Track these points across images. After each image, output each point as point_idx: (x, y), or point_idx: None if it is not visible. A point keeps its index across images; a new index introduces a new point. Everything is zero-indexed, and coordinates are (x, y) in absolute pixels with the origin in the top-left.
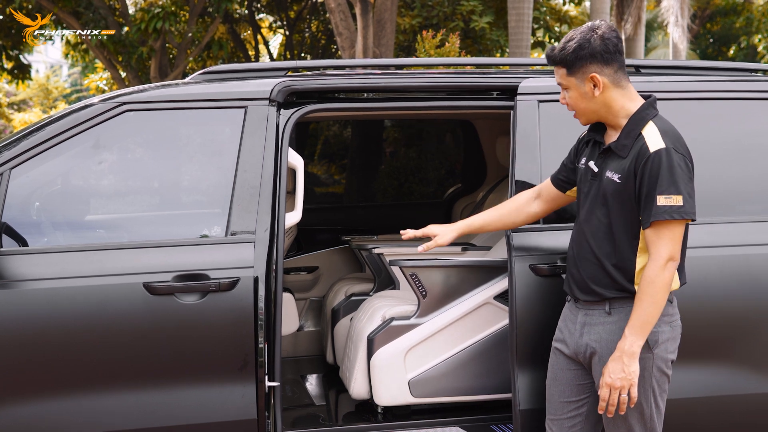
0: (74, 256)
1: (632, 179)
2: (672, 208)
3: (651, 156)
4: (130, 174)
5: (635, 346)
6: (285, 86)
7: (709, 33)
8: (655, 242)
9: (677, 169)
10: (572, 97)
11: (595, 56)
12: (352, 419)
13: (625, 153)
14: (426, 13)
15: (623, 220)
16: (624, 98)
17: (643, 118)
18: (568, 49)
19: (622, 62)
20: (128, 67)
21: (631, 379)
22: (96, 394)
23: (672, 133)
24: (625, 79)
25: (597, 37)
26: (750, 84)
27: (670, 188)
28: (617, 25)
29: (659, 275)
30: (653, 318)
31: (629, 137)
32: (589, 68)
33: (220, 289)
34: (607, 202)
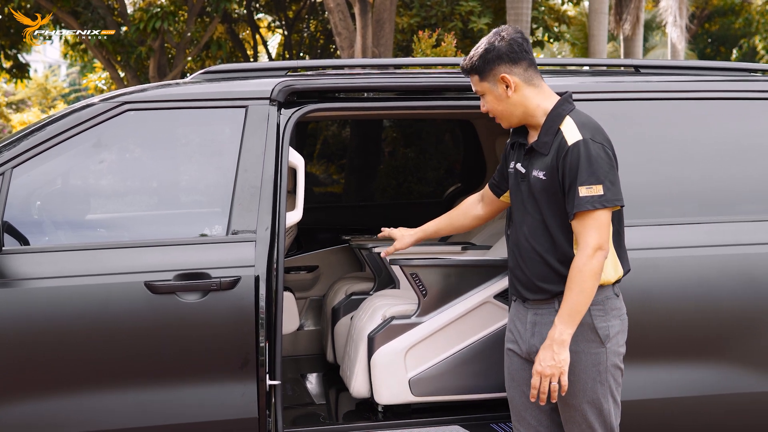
0: (76, 255)
1: (556, 174)
2: (593, 197)
3: (569, 148)
4: (131, 173)
5: (565, 334)
6: (286, 86)
7: (707, 33)
8: (581, 232)
9: (596, 159)
10: (489, 102)
11: (501, 57)
12: (353, 418)
13: (547, 150)
14: (424, 13)
15: (555, 216)
16: (539, 96)
17: (560, 114)
18: (476, 55)
19: (531, 60)
20: (127, 67)
21: (561, 367)
22: (97, 393)
23: (590, 125)
24: (538, 77)
25: (501, 39)
26: (749, 84)
27: (590, 178)
28: (616, 25)
29: (587, 264)
30: (582, 307)
31: (549, 134)
32: (499, 69)
33: (221, 288)
34: (538, 200)
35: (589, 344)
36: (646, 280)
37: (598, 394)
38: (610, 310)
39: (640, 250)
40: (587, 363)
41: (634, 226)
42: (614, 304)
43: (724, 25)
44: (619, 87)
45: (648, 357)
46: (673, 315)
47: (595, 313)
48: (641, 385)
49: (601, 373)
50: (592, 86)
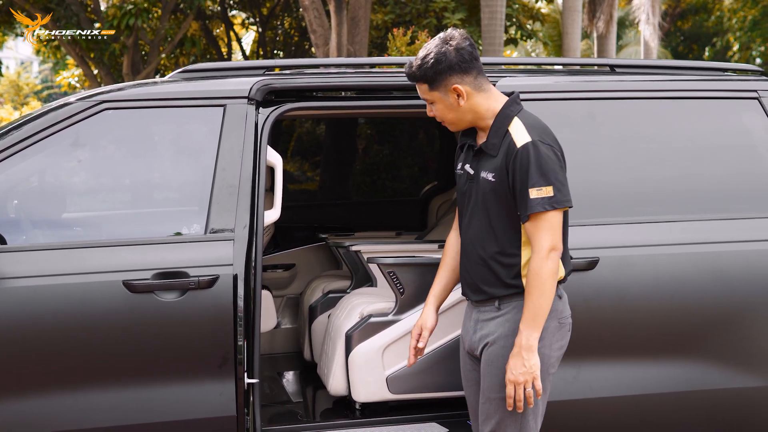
0: (54, 254)
1: (505, 176)
2: (544, 199)
3: (518, 151)
4: (109, 172)
5: (531, 339)
6: (263, 85)
7: (680, 31)
8: (534, 234)
9: (545, 161)
10: (439, 110)
11: (453, 68)
12: (330, 416)
13: (496, 151)
14: (399, 10)
15: (502, 217)
16: (488, 100)
17: (507, 115)
18: (427, 65)
19: (480, 67)
20: (100, 64)
21: (533, 372)
22: (76, 392)
23: (537, 126)
24: (486, 82)
25: (452, 49)
26: (723, 83)
27: (540, 180)
28: (589, 22)
29: (543, 266)
30: (544, 309)
31: (497, 135)
32: (450, 80)
33: (199, 287)
34: (486, 202)
35: None
36: (622, 279)
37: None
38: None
39: (615, 248)
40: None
41: (608, 224)
42: (554, 306)
43: (696, 22)
44: (595, 86)
45: (623, 354)
46: (647, 312)
47: None
48: (617, 383)
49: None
50: (568, 86)
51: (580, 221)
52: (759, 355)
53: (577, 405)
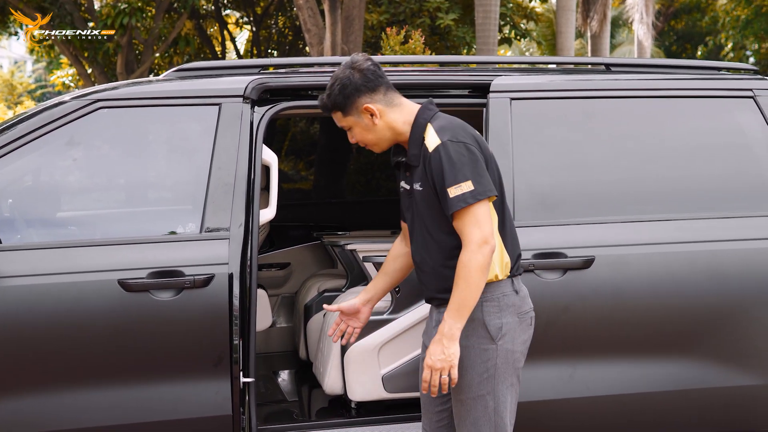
0: (48, 253)
1: (428, 182)
2: (465, 195)
3: (431, 155)
4: (104, 171)
5: (454, 329)
6: (259, 83)
7: (673, 30)
8: (462, 230)
9: (457, 158)
10: (358, 134)
11: (360, 89)
12: (326, 415)
13: (418, 161)
14: (393, 9)
15: (438, 222)
16: (403, 114)
17: (421, 123)
18: (334, 92)
19: (387, 83)
20: (94, 63)
21: (451, 361)
22: (71, 391)
23: (448, 126)
24: (397, 96)
25: (355, 71)
26: (718, 82)
27: (456, 178)
28: (583, 22)
29: (471, 259)
30: (470, 301)
31: (416, 145)
32: (360, 101)
33: (194, 286)
34: (422, 212)
35: (479, 340)
36: (617, 277)
37: (484, 392)
38: (506, 307)
39: (611, 247)
40: (475, 359)
41: (603, 223)
42: (511, 301)
43: (689, 22)
44: (590, 85)
45: (619, 353)
46: (643, 311)
47: (487, 309)
48: (612, 381)
49: (489, 369)
50: (563, 84)
51: (575, 220)
52: (754, 354)
53: (572, 404)
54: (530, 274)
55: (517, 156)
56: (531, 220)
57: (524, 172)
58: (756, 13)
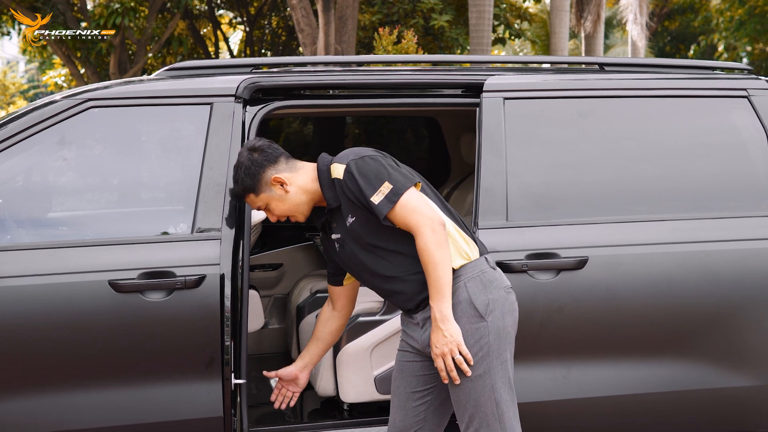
0: (39, 254)
1: (358, 207)
2: (387, 196)
3: (342, 181)
4: (95, 171)
5: (443, 309)
6: (251, 83)
7: (667, 31)
8: (406, 225)
9: (364, 170)
10: (276, 208)
11: (263, 165)
12: (318, 416)
13: (337, 200)
14: (386, 10)
15: (386, 240)
16: (307, 173)
17: (324, 170)
18: (241, 177)
19: (283, 152)
20: (87, 63)
21: (456, 340)
22: (61, 393)
23: (345, 154)
24: (297, 161)
25: (253, 152)
26: (712, 81)
27: (373, 185)
28: (577, 22)
29: (427, 240)
30: (445, 277)
31: (329, 188)
32: (266, 176)
33: (186, 287)
34: (365, 241)
35: (469, 320)
36: (611, 278)
37: (482, 370)
38: (489, 282)
39: (604, 248)
40: (469, 339)
41: (597, 223)
42: (492, 276)
43: (683, 22)
44: (584, 85)
45: (613, 354)
46: (637, 312)
47: (471, 288)
48: (607, 382)
49: (483, 347)
50: (557, 84)
51: (568, 220)
52: (748, 355)
53: (567, 405)
54: (523, 274)
55: (510, 156)
56: (524, 220)
57: (517, 172)
58: (749, 14)
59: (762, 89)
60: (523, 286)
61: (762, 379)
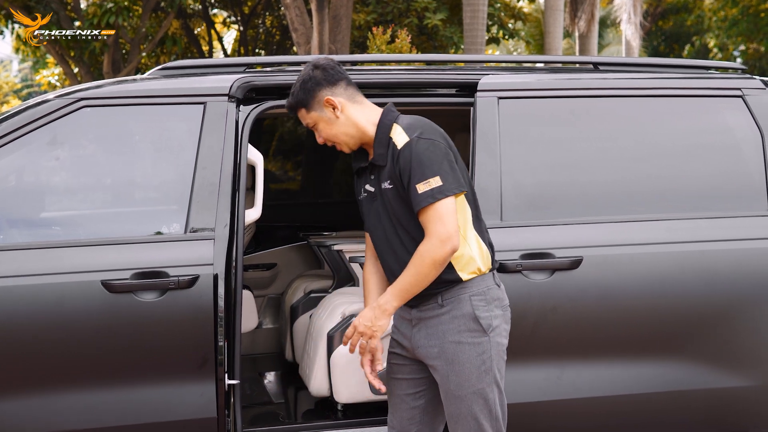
0: (31, 254)
1: (398, 180)
2: (433, 190)
3: (399, 151)
4: (88, 171)
5: (389, 305)
6: (244, 82)
7: (660, 30)
8: (426, 225)
9: (425, 155)
10: (323, 130)
11: (320, 83)
12: (312, 417)
13: (384, 161)
14: (381, 9)
15: (412, 220)
16: (365, 112)
17: (387, 124)
18: (296, 90)
19: (349, 79)
20: (80, 63)
21: (375, 332)
22: (54, 393)
23: (416, 125)
24: (359, 94)
25: (314, 68)
26: (706, 81)
27: (424, 174)
28: (571, 21)
29: (429, 250)
30: (413, 288)
31: (382, 145)
32: (321, 95)
33: (179, 287)
34: (394, 211)
35: (472, 334)
36: (606, 278)
37: (483, 384)
38: (492, 300)
39: (599, 248)
40: (471, 353)
41: (591, 223)
42: (496, 294)
43: (677, 22)
44: (578, 84)
45: (608, 354)
46: (632, 312)
47: (476, 303)
48: (601, 383)
49: (485, 362)
50: (551, 83)
51: (563, 220)
52: (743, 355)
53: (560, 405)
54: (518, 274)
55: (504, 155)
56: (518, 220)
57: (512, 171)
58: (742, 13)
59: (756, 89)
60: (517, 286)
61: (756, 379)
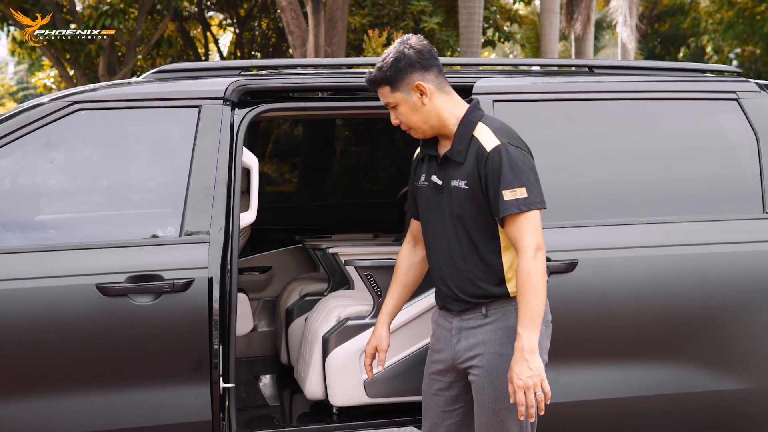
0: (25, 257)
1: (477, 182)
2: (519, 200)
3: (489, 154)
4: (83, 174)
5: (533, 341)
6: (239, 85)
7: (656, 33)
8: (517, 236)
9: (516, 162)
10: (403, 113)
11: (413, 65)
12: (307, 420)
13: (462, 158)
14: (377, 12)
15: (479, 224)
16: (450, 104)
17: (471, 121)
18: (386, 65)
19: (440, 67)
20: (76, 65)
21: (540, 375)
22: (48, 397)
23: (503, 129)
24: (447, 85)
25: (409, 47)
26: (701, 84)
27: (513, 182)
28: (567, 24)
29: (533, 265)
30: (540, 309)
31: (463, 142)
32: (412, 78)
33: (174, 290)
34: (461, 211)
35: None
36: (601, 281)
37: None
38: None
39: (594, 251)
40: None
41: (587, 226)
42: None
43: (673, 24)
44: (574, 87)
45: (603, 357)
46: (627, 315)
47: None
48: (596, 386)
49: None
50: (547, 86)
51: (558, 223)
52: (738, 358)
53: (555, 408)
54: None
55: None
56: None
57: None
58: (738, 15)
59: (751, 92)
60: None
61: (751, 382)
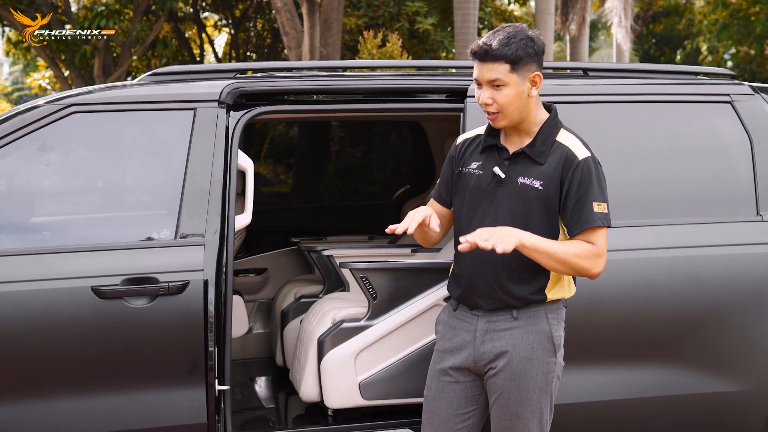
0: (21, 260)
1: (557, 186)
2: (604, 215)
3: (580, 163)
4: (78, 176)
5: (525, 241)
6: (234, 88)
7: (651, 34)
8: (595, 241)
9: (602, 179)
10: (507, 95)
11: (538, 55)
12: (302, 422)
13: (543, 159)
14: (372, 13)
15: (542, 226)
16: (539, 104)
17: (555, 125)
18: (516, 42)
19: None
20: (71, 66)
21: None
22: (43, 400)
23: (585, 142)
24: None
25: (537, 37)
26: (695, 87)
27: (599, 196)
28: (562, 25)
29: (587, 257)
30: (547, 256)
31: (546, 144)
32: (533, 67)
33: (169, 293)
34: (525, 210)
35: (544, 353)
36: (595, 283)
37: (542, 404)
38: (560, 320)
39: None
40: (538, 371)
41: None
42: (563, 315)
43: (668, 25)
44: (568, 90)
45: (597, 360)
46: (621, 317)
47: (552, 322)
48: (590, 388)
49: (549, 382)
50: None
51: None
52: (732, 360)
53: None
54: None
55: None
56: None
57: None
58: (732, 16)
59: (745, 95)
60: None
61: (745, 383)
